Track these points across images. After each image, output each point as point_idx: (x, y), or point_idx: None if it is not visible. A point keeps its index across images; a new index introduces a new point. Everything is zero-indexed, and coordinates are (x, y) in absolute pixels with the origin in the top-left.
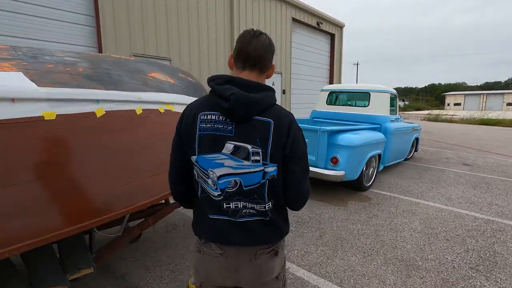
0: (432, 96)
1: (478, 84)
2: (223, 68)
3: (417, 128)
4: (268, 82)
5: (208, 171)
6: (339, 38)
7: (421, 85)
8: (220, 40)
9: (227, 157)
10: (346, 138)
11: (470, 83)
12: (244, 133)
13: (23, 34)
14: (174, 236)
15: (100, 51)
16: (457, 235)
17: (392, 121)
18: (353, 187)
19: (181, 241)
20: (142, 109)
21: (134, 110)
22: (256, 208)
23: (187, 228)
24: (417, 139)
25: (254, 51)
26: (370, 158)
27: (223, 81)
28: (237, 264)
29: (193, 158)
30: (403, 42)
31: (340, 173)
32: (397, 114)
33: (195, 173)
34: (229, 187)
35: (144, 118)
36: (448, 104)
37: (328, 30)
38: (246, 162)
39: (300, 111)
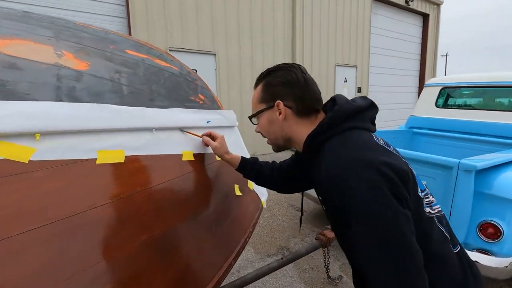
0: None
1: None
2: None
3: None
4: (339, 77)
5: (426, 188)
6: (434, 19)
7: None
8: (279, 28)
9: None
10: None
11: None
12: None
13: None
14: None
15: None
16: None
17: None
18: None
19: None
20: None
21: None
22: None
23: None
24: None
25: (316, 86)
26: None
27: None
28: None
29: (420, 193)
30: (502, 28)
31: (505, 261)
32: None
33: (426, 210)
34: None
35: None
36: None
37: (420, 9)
38: None
39: (380, 114)
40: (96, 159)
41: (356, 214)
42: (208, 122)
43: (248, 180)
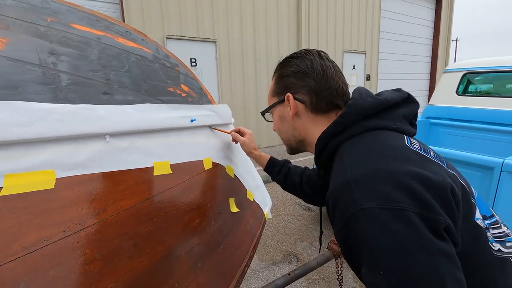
0: None
1: None
2: (286, 54)
3: None
4: (347, 64)
5: (494, 215)
6: (448, 1)
7: None
8: (283, 12)
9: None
10: None
11: None
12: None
13: None
14: None
15: None
16: None
17: None
18: None
19: None
20: None
21: None
22: None
23: None
24: None
25: (339, 75)
26: None
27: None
28: None
29: (479, 221)
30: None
31: None
32: None
33: (494, 247)
34: None
35: None
36: None
37: None
38: None
39: None
40: (1, 188)
41: (367, 250)
42: (192, 120)
43: (248, 190)
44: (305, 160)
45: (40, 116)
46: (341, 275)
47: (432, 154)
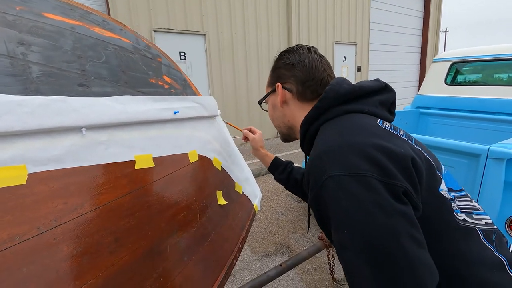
0: None
1: None
2: (276, 46)
3: None
4: (337, 56)
5: (463, 189)
6: None
7: None
8: (273, 5)
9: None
10: None
11: None
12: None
13: None
14: None
15: None
16: None
17: None
18: None
19: None
20: None
21: None
22: None
23: None
24: None
25: (325, 67)
26: None
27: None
28: None
29: (443, 192)
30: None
31: None
32: None
33: (458, 217)
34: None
35: None
36: None
37: None
38: None
39: None
40: None
41: (334, 212)
42: (176, 112)
43: (236, 183)
44: (297, 152)
45: (8, 109)
46: (333, 264)
47: (401, 132)
